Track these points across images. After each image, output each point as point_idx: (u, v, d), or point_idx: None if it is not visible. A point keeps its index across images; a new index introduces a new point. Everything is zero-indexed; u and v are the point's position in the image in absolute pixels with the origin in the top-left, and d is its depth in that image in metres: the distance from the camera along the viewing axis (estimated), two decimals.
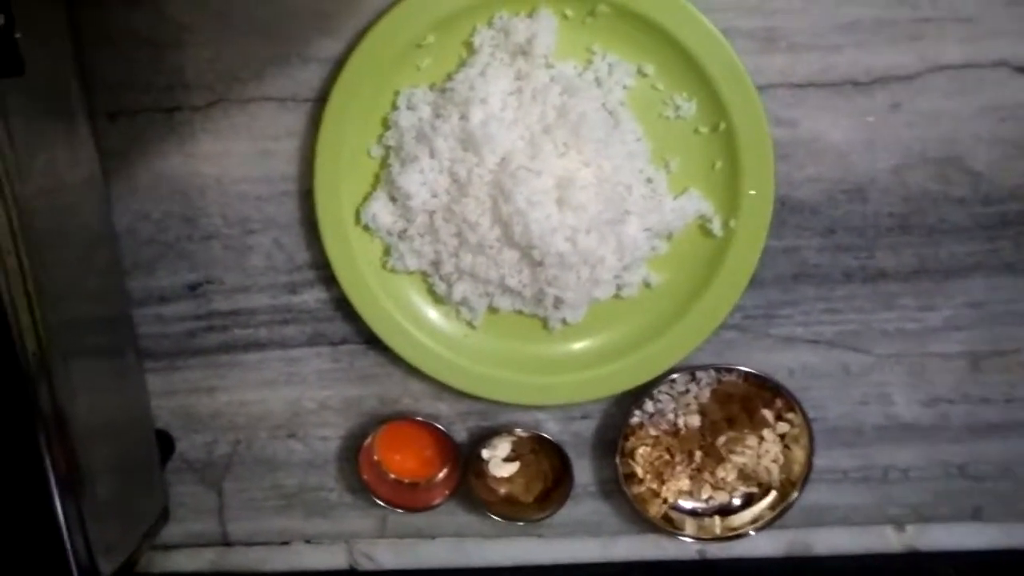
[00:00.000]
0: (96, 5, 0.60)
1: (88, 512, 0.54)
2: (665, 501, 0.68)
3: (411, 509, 0.69)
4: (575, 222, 0.58)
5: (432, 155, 0.59)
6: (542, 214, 0.57)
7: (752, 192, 0.59)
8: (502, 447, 0.69)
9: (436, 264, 0.62)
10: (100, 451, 0.56)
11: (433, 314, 0.65)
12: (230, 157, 0.63)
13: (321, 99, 0.61)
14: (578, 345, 0.65)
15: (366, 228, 0.62)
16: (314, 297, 0.66)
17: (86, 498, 0.54)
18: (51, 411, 0.51)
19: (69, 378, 0.52)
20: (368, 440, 0.67)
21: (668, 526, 0.67)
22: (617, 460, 0.66)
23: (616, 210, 0.58)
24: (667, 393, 0.66)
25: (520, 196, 0.57)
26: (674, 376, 0.65)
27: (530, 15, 0.58)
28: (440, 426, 0.66)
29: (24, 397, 0.50)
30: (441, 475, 0.69)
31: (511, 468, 0.69)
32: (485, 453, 0.68)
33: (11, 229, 0.48)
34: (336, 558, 0.73)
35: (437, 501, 0.68)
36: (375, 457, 0.69)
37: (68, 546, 0.52)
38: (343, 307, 0.66)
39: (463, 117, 0.58)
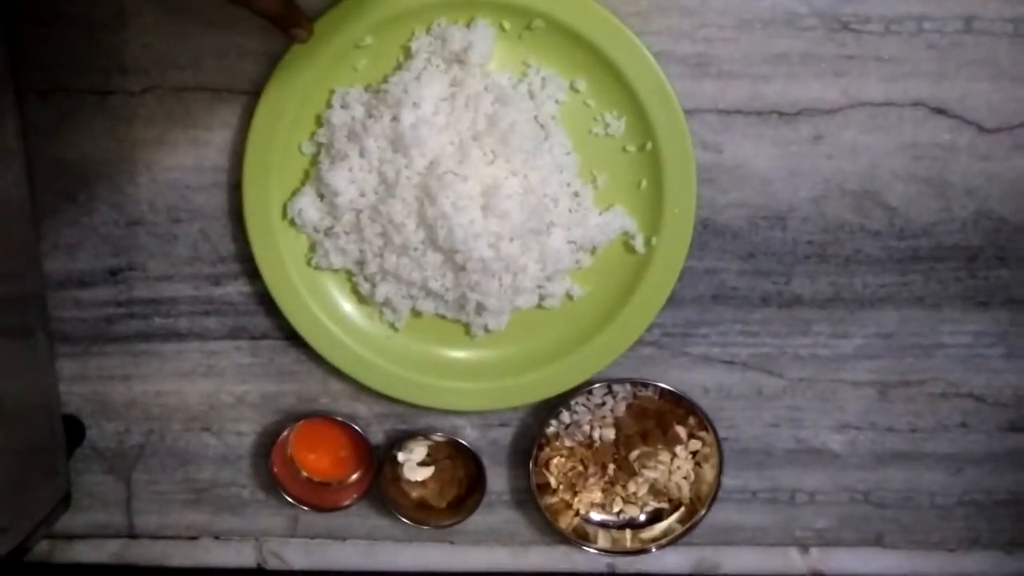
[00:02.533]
0: None
1: None
2: (577, 513, 0.69)
3: (322, 509, 0.68)
4: (499, 229, 0.58)
5: (362, 154, 0.59)
6: (466, 219, 0.58)
7: (675, 212, 0.61)
8: (418, 451, 0.69)
9: (361, 263, 0.62)
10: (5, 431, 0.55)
11: (356, 314, 0.65)
12: (162, 145, 0.63)
13: (257, 93, 0.61)
14: (499, 353, 0.65)
15: (292, 223, 0.62)
16: (237, 290, 0.66)
17: None
18: None
19: None
20: (282, 436, 0.66)
21: (579, 538, 0.68)
22: (531, 469, 0.66)
23: (541, 220, 0.59)
24: (584, 405, 0.67)
25: (446, 200, 0.57)
26: (591, 388, 0.65)
27: (468, 24, 0.59)
28: (356, 427, 0.66)
29: None
30: (354, 476, 0.69)
31: (426, 472, 0.69)
32: (400, 456, 0.68)
33: None
34: (244, 556, 0.72)
35: (348, 502, 0.68)
36: (289, 454, 0.68)
37: None
38: (266, 302, 0.65)
39: (395, 118, 0.58)
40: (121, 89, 0.62)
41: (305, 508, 0.68)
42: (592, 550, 0.67)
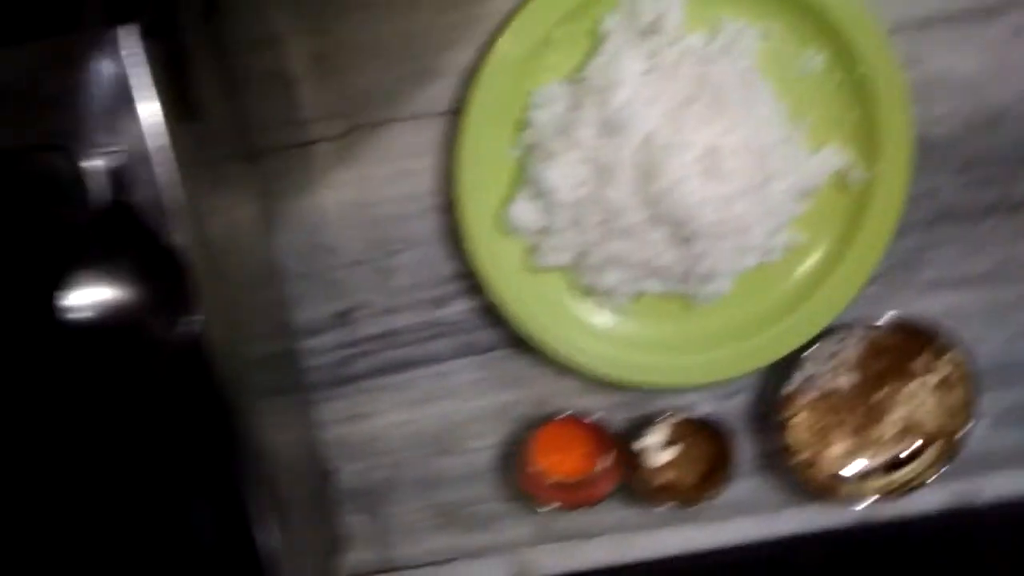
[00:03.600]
0: (229, 49, 0.62)
1: (287, 549, 0.54)
2: (827, 468, 0.68)
3: (575, 507, 0.68)
4: (724, 191, 0.59)
5: (573, 147, 0.60)
6: (689, 188, 0.58)
7: (891, 138, 0.60)
8: (658, 435, 0.69)
9: (582, 256, 0.63)
10: (289, 486, 0.56)
11: (578, 308, 0.66)
12: (368, 181, 0.65)
13: (452, 112, 0.63)
14: (725, 319, 0.66)
15: (507, 232, 0.63)
16: (460, 308, 0.67)
17: (285, 534, 0.54)
18: (253, 447, 0.52)
19: (261, 414, 0.53)
20: (522, 444, 0.67)
21: (832, 493, 0.67)
22: (775, 432, 0.66)
23: (761, 174, 0.60)
24: (817, 357, 0.66)
25: (667, 173, 0.58)
26: (823, 339, 0.65)
27: None
28: (596, 420, 0.66)
29: (226, 435, 0.50)
30: (601, 470, 0.69)
31: (669, 455, 0.69)
32: (641, 443, 0.68)
33: (205, 271, 0.49)
34: (501, 569, 0.73)
35: (600, 496, 0.68)
36: (532, 462, 0.69)
37: None
38: (488, 314, 0.67)
39: (602, 104, 0.59)
40: (322, 137, 0.64)
41: (557, 510, 0.68)
42: (848, 502, 0.66)
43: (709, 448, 0.69)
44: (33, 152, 0.45)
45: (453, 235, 0.65)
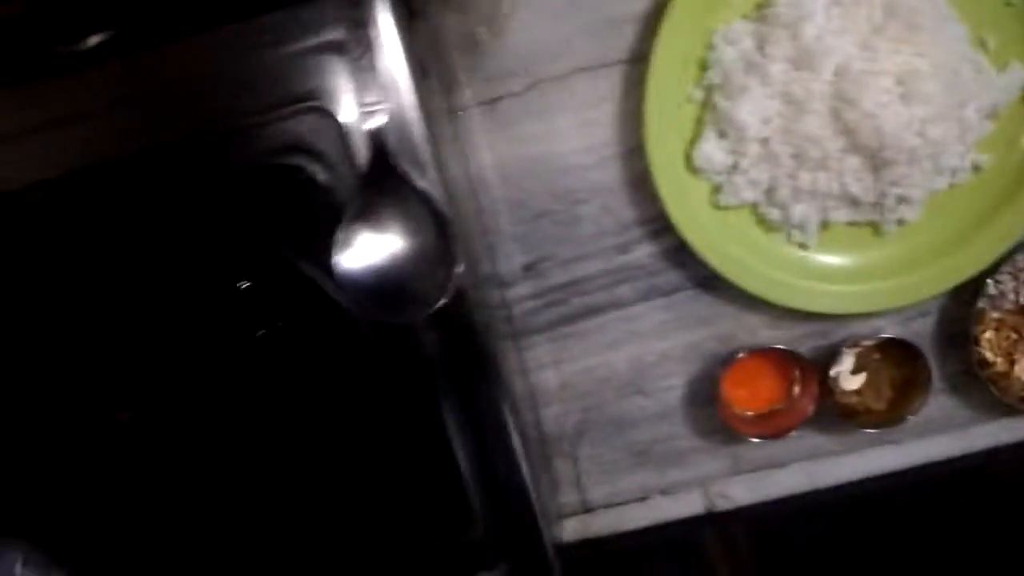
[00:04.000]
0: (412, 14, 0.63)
1: (537, 486, 0.57)
2: (1021, 378, 0.69)
3: (773, 437, 0.70)
4: (923, 114, 0.59)
5: (763, 83, 0.61)
6: (891, 112, 0.59)
7: None
8: (847, 361, 0.70)
9: (770, 191, 0.64)
10: (527, 425, 0.59)
11: (766, 243, 0.67)
12: (552, 134, 0.66)
13: (630, 60, 0.64)
14: (912, 243, 0.66)
15: (693, 173, 0.64)
16: (645, 253, 0.69)
17: (533, 472, 0.57)
18: (509, 388, 0.54)
19: (506, 359, 0.55)
20: (714, 383, 0.68)
21: None
22: (967, 348, 0.67)
23: (955, 95, 0.60)
24: (1008, 272, 0.67)
25: (867, 100, 0.59)
26: (1015, 257, 0.65)
27: None
28: (787, 349, 0.68)
29: (488, 377, 0.52)
30: (795, 397, 0.71)
31: (859, 380, 0.70)
32: (833, 371, 0.69)
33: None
34: (693, 504, 0.75)
35: (796, 423, 0.69)
36: (726, 397, 0.70)
37: (539, 515, 0.54)
38: (671, 257, 0.68)
39: (793, 38, 0.60)
40: (507, 93, 0.65)
41: (756, 439, 0.70)
42: None
43: (897, 371, 0.70)
44: (296, 113, 0.47)
45: (635, 182, 0.66)
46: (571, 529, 0.76)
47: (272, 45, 0.47)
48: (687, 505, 0.75)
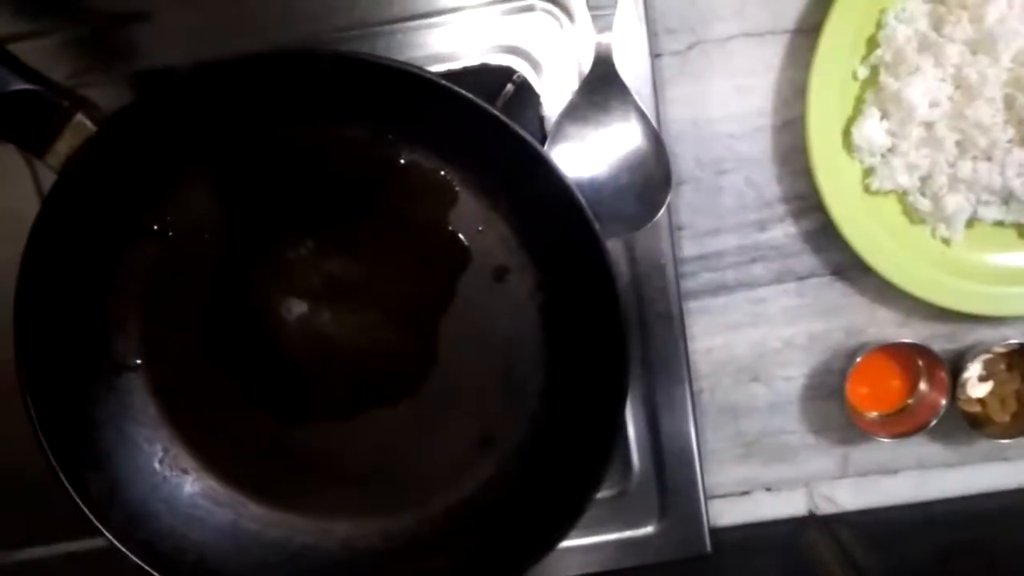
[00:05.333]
0: None
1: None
2: None
3: (897, 436, 0.67)
4: None
5: (937, 63, 0.60)
6: None
7: None
8: (975, 367, 0.68)
9: (927, 178, 0.63)
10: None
11: (912, 234, 0.65)
12: (706, 98, 0.65)
13: (796, 30, 0.63)
14: None
15: (850, 150, 0.63)
16: (783, 232, 0.67)
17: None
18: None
19: None
20: (844, 377, 0.66)
21: None
22: None
23: None
24: None
25: None
26: None
27: None
28: (918, 346, 0.66)
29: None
30: (922, 397, 0.69)
31: (985, 388, 0.68)
32: (962, 376, 0.67)
33: None
34: (795, 504, 0.72)
35: (927, 422, 0.67)
36: (853, 392, 0.68)
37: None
38: (810, 239, 0.66)
39: (973, 20, 0.59)
40: (667, 51, 0.64)
41: (880, 437, 0.67)
42: None
43: (1023, 382, 0.69)
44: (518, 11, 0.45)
45: (783, 157, 0.65)
46: None
47: None
48: (789, 504, 0.72)
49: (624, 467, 0.58)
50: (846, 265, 0.66)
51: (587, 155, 0.45)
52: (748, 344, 0.69)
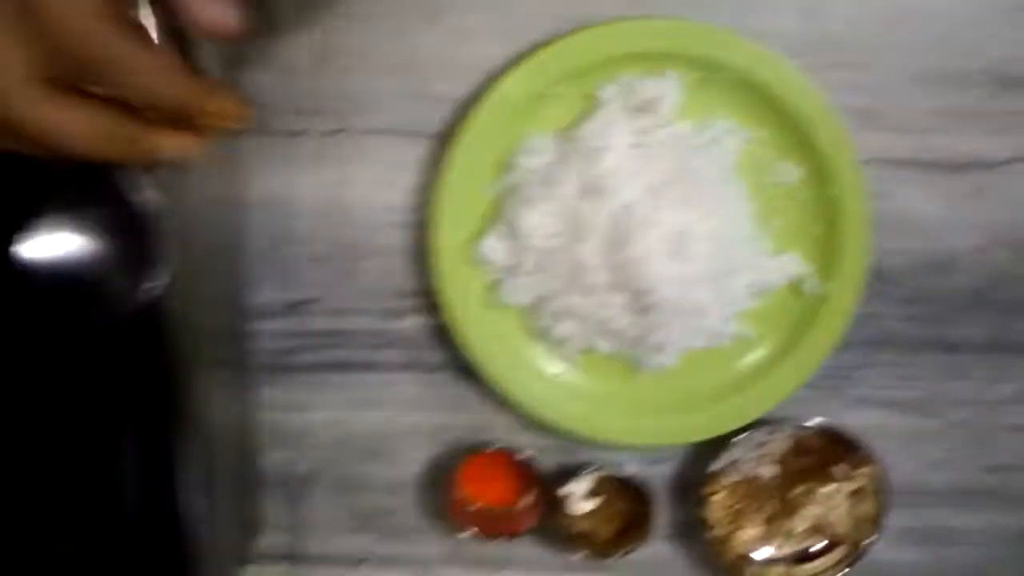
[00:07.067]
0: None
1: (211, 523, 0.56)
2: (737, 548, 0.70)
3: (492, 537, 0.70)
4: (686, 273, 0.61)
5: (553, 198, 0.62)
6: (655, 263, 0.60)
7: (849, 259, 0.63)
8: (582, 484, 0.70)
9: (542, 301, 0.65)
10: (221, 462, 0.57)
11: (529, 350, 0.67)
12: (349, 184, 0.66)
13: (441, 136, 0.64)
14: (667, 390, 0.68)
15: (476, 262, 0.65)
16: (413, 324, 0.69)
17: (210, 508, 0.56)
18: (194, 418, 0.53)
19: (206, 387, 0.54)
20: (451, 470, 0.68)
21: (737, 573, 0.69)
22: (694, 505, 0.68)
23: (724, 264, 0.62)
24: (746, 444, 0.69)
25: (637, 244, 0.60)
26: (754, 428, 0.67)
27: (656, 76, 0.61)
28: (526, 458, 0.68)
29: (171, 402, 0.51)
30: (523, 506, 0.71)
31: (589, 505, 0.71)
32: (566, 489, 0.70)
33: (172, 235, 0.50)
34: None
35: (518, 531, 0.69)
36: (458, 487, 0.70)
37: (191, 551, 0.53)
38: (441, 336, 0.68)
39: (588, 165, 0.61)
40: (312, 130, 0.65)
41: (473, 538, 0.70)
42: None
43: (628, 507, 0.71)
44: None
45: (419, 254, 0.66)
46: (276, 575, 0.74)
47: None
48: None
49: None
50: (474, 365, 0.68)
51: (61, 242, 0.46)
52: (371, 423, 0.71)
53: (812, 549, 0.71)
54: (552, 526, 0.69)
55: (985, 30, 0.62)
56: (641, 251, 0.60)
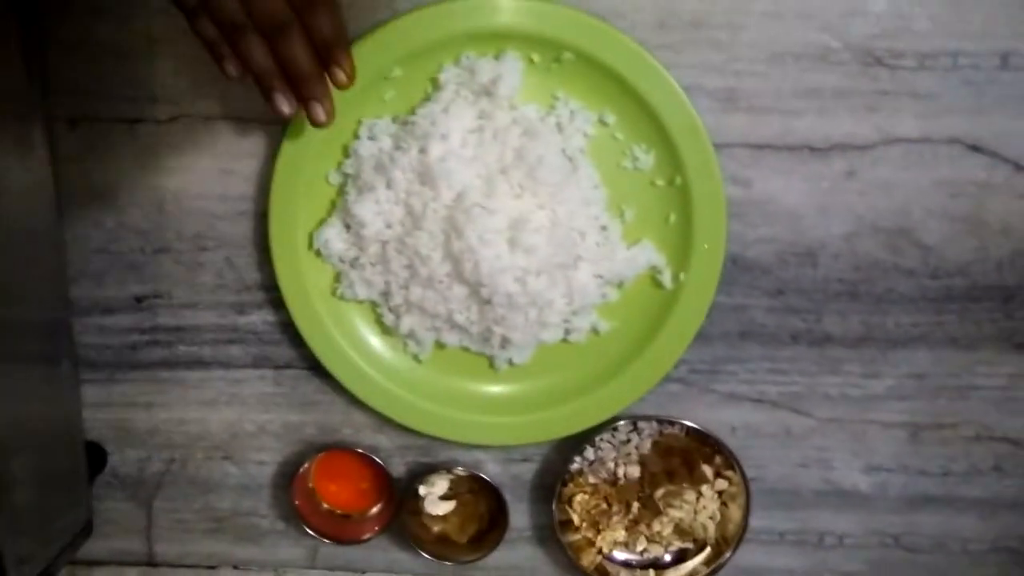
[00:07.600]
0: (64, 13, 0.60)
1: (2, 520, 0.53)
2: (600, 551, 0.67)
3: (342, 541, 0.68)
4: (525, 264, 0.58)
5: (389, 186, 0.59)
6: (493, 253, 0.57)
7: (704, 247, 0.60)
8: (439, 485, 0.68)
9: (386, 295, 0.62)
10: (21, 459, 0.54)
11: (380, 345, 0.65)
12: (189, 173, 0.63)
13: (283, 123, 0.61)
14: (523, 387, 0.65)
15: (318, 254, 0.62)
16: (261, 319, 0.66)
17: (2, 506, 0.53)
18: None
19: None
20: (304, 468, 0.66)
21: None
22: (554, 506, 0.65)
23: (568, 255, 0.59)
24: (608, 442, 0.66)
25: (472, 233, 0.57)
26: (616, 425, 0.64)
27: (496, 57, 0.58)
28: (378, 459, 0.65)
29: None
30: (375, 509, 0.69)
31: (447, 507, 0.68)
32: (422, 490, 0.67)
33: None
34: None
35: (368, 535, 0.67)
36: (310, 485, 0.68)
37: None
38: (289, 331, 0.65)
39: (422, 151, 0.58)
40: (150, 117, 0.62)
41: (325, 541, 0.67)
42: None
43: (487, 508, 0.69)
44: None
45: (264, 245, 0.63)
46: None
47: None
48: None
49: None
50: (321, 362, 0.65)
51: None
52: (222, 423, 0.68)
53: (677, 552, 0.68)
54: (408, 528, 0.67)
55: (847, 4, 0.58)
56: (475, 241, 0.57)
